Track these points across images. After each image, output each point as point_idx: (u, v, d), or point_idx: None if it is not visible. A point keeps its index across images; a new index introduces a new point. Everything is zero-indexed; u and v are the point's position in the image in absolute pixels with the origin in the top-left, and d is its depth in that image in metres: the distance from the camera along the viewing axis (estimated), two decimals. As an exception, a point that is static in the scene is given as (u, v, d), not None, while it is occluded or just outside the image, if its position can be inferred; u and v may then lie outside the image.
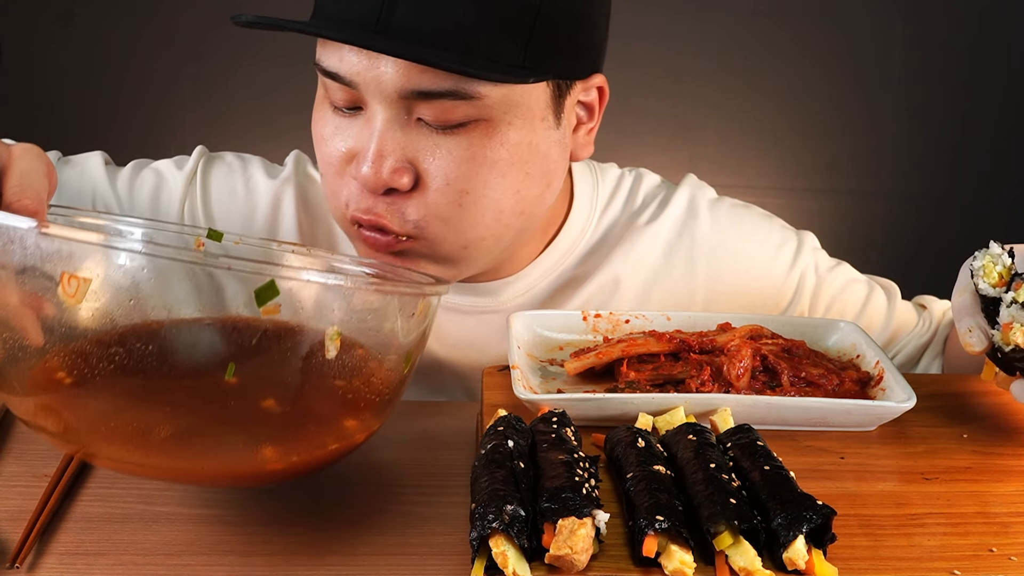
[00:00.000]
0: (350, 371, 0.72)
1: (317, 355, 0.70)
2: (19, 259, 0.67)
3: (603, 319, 1.03)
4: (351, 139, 0.97)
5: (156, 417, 0.69)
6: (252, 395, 0.70)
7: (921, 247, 2.55)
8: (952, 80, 2.58)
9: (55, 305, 0.67)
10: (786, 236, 1.22)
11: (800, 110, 2.61)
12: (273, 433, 0.70)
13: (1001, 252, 0.85)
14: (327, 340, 0.70)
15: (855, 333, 1.00)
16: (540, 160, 1.00)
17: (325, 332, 0.70)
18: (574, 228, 1.17)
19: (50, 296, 0.67)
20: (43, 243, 0.66)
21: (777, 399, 0.86)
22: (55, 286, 0.66)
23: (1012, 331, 0.81)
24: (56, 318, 0.68)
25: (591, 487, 0.69)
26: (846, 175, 2.65)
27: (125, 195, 1.16)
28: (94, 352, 0.68)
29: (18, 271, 0.67)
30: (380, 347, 0.75)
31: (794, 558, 0.65)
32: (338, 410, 0.74)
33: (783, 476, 0.71)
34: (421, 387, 1.17)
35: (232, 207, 1.17)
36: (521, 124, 0.97)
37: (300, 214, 1.18)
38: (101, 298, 0.68)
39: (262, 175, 1.20)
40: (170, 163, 1.20)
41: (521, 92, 0.95)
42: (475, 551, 0.65)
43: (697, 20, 2.54)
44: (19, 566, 0.72)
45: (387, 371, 0.76)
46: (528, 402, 0.85)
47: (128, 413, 0.69)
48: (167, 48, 2.49)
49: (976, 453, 0.85)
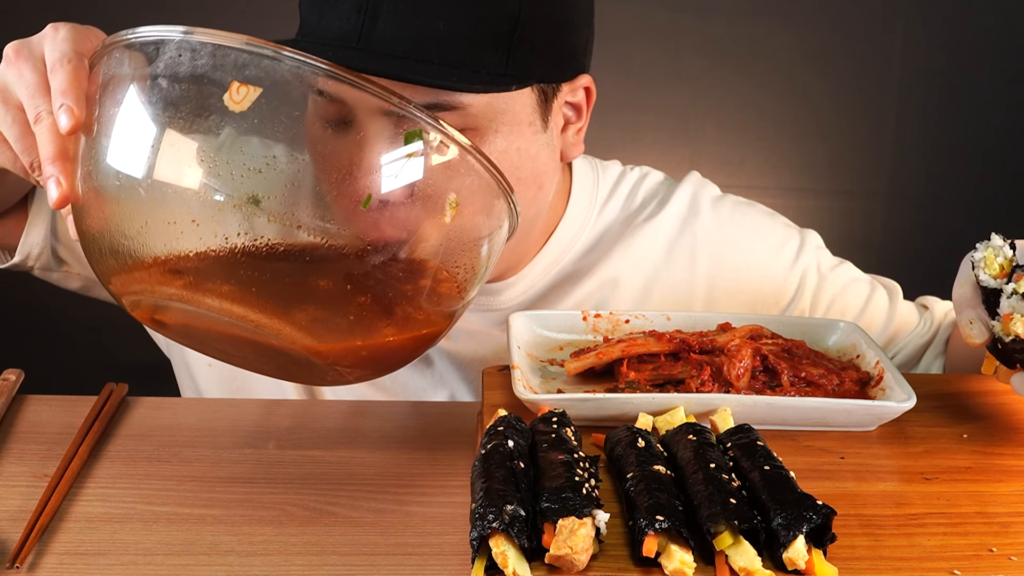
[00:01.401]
0: (457, 247, 0.77)
1: (436, 218, 0.74)
2: (187, 69, 0.70)
3: (603, 319, 1.03)
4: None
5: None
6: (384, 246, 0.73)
7: (921, 247, 2.54)
8: (952, 80, 2.57)
9: (219, 115, 0.70)
10: (789, 234, 1.22)
11: (800, 110, 2.61)
12: (382, 302, 0.74)
13: (1003, 244, 0.85)
14: (447, 206, 0.74)
15: (855, 333, 1.00)
16: (530, 164, 1.00)
17: (446, 198, 0.74)
18: (571, 224, 1.17)
19: (214, 103, 0.69)
20: (219, 53, 0.69)
21: (777, 399, 0.86)
22: (222, 92, 0.69)
23: (1012, 321, 0.81)
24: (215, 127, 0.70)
25: (591, 487, 0.69)
26: (846, 175, 2.65)
27: None
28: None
29: (180, 79, 0.70)
30: (472, 244, 0.78)
31: (794, 558, 0.65)
32: (435, 288, 0.78)
33: (783, 476, 0.71)
34: (420, 376, 1.16)
35: None
36: (508, 131, 0.97)
37: None
38: (264, 110, 0.70)
39: None
40: None
41: (506, 99, 0.96)
42: (475, 551, 0.65)
43: (697, 20, 2.53)
44: (19, 566, 0.72)
45: (472, 262, 0.79)
46: (528, 402, 0.85)
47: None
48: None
49: (976, 453, 0.85)
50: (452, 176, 0.75)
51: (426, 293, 0.77)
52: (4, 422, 0.92)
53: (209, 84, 0.70)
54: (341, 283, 0.72)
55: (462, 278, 0.78)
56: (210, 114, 0.69)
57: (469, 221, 0.77)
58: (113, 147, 0.71)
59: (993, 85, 2.58)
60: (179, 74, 0.70)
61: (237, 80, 0.69)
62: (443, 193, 0.74)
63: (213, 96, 0.69)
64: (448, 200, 0.74)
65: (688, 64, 2.52)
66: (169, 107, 0.70)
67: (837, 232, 2.57)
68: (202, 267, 0.70)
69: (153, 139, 0.70)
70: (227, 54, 0.69)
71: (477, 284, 0.81)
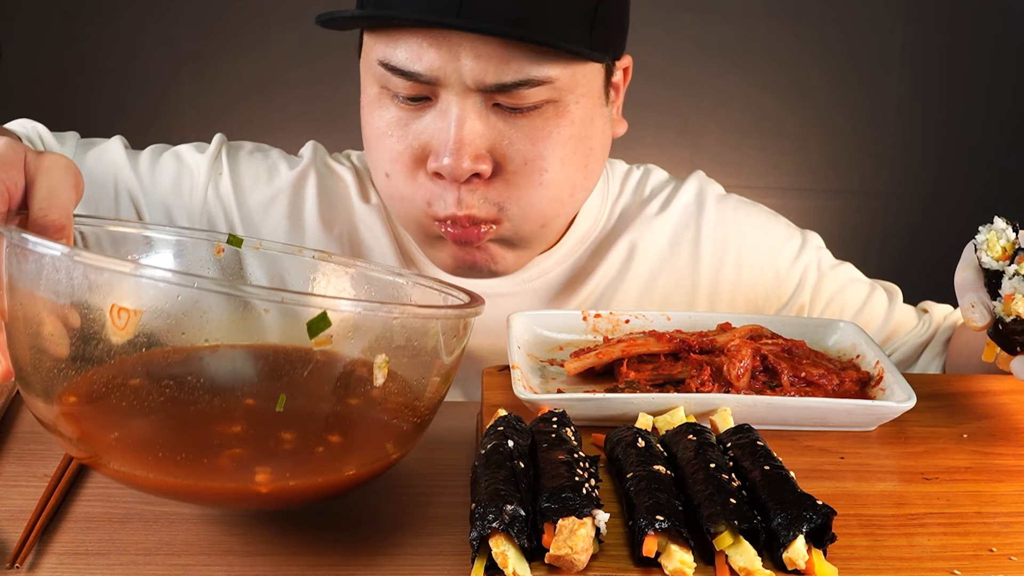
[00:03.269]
0: (395, 396, 0.72)
1: (365, 384, 0.69)
2: (65, 287, 0.66)
3: (603, 319, 1.03)
4: (423, 133, 0.99)
5: (190, 440, 0.68)
6: (302, 425, 0.69)
7: (921, 247, 2.54)
8: (952, 80, 2.58)
9: (100, 332, 0.66)
10: (791, 233, 1.24)
11: (800, 110, 2.61)
12: (312, 459, 0.69)
13: (1005, 227, 0.85)
14: (375, 369, 0.69)
15: (855, 333, 1.00)
16: (599, 135, 1.06)
17: (373, 361, 0.69)
18: (588, 217, 1.20)
19: (98, 326, 0.65)
20: (91, 274, 0.65)
21: (777, 399, 0.86)
22: (104, 316, 0.65)
23: (1014, 301, 0.81)
24: (95, 335, 0.67)
25: (591, 487, 0.69)
26: (846, 175, 2.65)
27: (148, 180, 1.17)
28: (135, 373, 0.67)
29: (61, 295, 0.66)
30: (423, 368, 0.74)
31: (794, 558, 0.65)
32: (381, 434, 0.73)
33: (783, 476, 0.71)
34: None
35: (254, 193, 1.18)
36: (584, 102, 1.02)
37: (321, 202, 1.19)
38: (146, 325, 0.67)
39: (283, 162, 1.21)
40: (191, 148, 1.20)
41: (584, 72, 1.00)
42: (475, 551, 0.65)
43: (698, 20, 2.54)
44: (19, 566, 0.72)
45: (429, 393, 0.75)
46: (528, 402, 0.85)
47: (165, 435, 0.68)
48: (168, 48, 2.49)
49: (976, 453, 0.85)
50: (373, 342, 0.70)
51: (409, 408, 0.74)
52: (4, 422, 0.92)
53: (88, 308, 0.66)
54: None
55: (432, 375, 0.75)
56: (98, 342, 0.66)
57: (409, 365, 0.73)
58: (16, 349, 0.69)
59: (993, 85, 2.58)
60: (60, 292, 0.67)
61: (116, 304, 0.65)
62: (360, 369, 0.70)
63: (95, 323, 0.66)
64: (376, 365, 0.70)
65: (688, 64, 2.52)
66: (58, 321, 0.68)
67: (837, 232, 2.57)
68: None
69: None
70: (100, 274, 0.65)
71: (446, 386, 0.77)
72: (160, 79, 2.51)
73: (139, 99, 2.50)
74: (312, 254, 0.90)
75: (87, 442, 0.69)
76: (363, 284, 0.89)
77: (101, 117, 2.50)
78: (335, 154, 1.25)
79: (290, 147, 1.25)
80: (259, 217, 1.17)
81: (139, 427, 0.68)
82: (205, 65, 2.51)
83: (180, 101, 2.53)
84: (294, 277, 0.91)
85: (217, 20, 2.45)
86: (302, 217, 1.18)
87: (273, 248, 0.92)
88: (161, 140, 1.23)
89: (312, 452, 0.69)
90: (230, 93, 2.52)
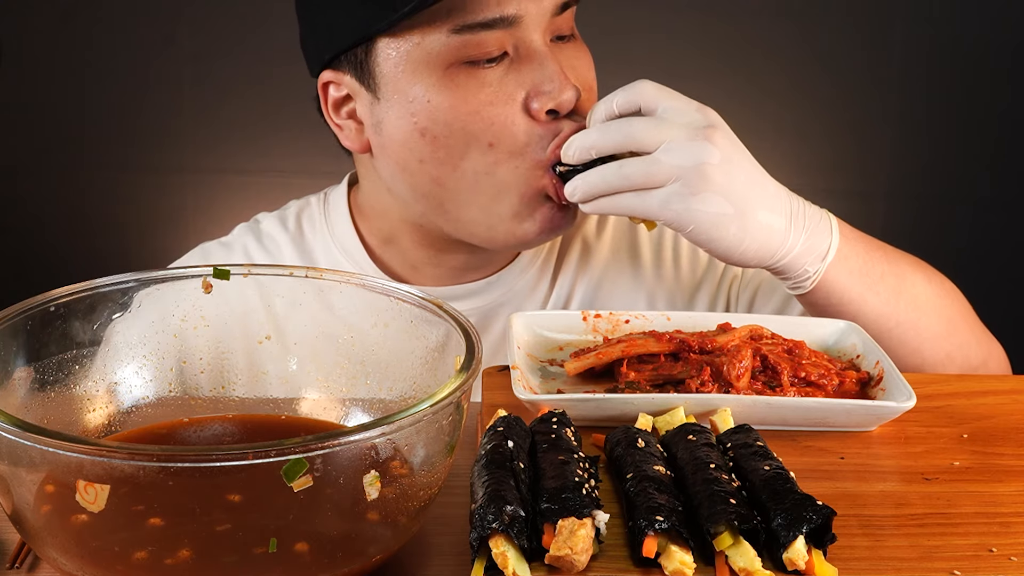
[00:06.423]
0: (394, 495, 0.69)
1: (359, 503, 0.67)
2: (27, 464, 0.65)
3: (603, 319, 1.03)
4: (523, 82, 1.03)
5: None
6: (294, 559, 0.66)
7: (921, 247, 2.54)
8: (952, 80, 2.57)
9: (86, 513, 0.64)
10: None
11: (800, 110, 2.61)
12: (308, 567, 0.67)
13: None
14: (366, 487, 0.66)
15: (855, 333, 1.00)
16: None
17: (363, 480, 0.66)
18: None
19: (69, 501, 0.64)
20: (48, 455, 0.62)
21: (777, 399, 0.86)
22: (72, 492, 0.63)
23: None
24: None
25: (591, 487, 0.69)
26: (847, 175, 2.65)
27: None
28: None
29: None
30: (426, 458, 0.71)
31: (794, 558, 0.65)
32: (381, 530, 0.70)
33: (783, 476, 0.71)
34: None
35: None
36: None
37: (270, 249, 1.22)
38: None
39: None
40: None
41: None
42: (475, 552, 0.65)
43: (697, 19, 2.54)
44: (19, 566, 0.72)
45: (432, 474, 0.72)
46: (528, 402, 0.85)
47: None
48: (168, 48, 2.49)
49: (976, 453, 0.85)
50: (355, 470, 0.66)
51: (412, 497, 0.71)
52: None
53: (62, 487, 0.65)
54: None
55: (435, 457, 0.71)
56: (77, 512, 0.64)
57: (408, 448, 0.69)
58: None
59: (993, 85, 2.58)
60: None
61: (82, 480, 0.63)
62: (350, 491, 0.66)
63: (68, 498, 0.64)
64: (365, 483, 0.66)
65: (687, 64, 2.52)
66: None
67: (837, 232, 2.56)
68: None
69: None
70: (58, 455, 0.62)
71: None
72: (160, 79, 2.51)
73: (139, 99, 2.50)
74: (304, 272, 0.87)
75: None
76: (358, 298, 0.87)
77: (101, 117, 2.50)
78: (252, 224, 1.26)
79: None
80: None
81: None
82: (205, 65, 2.51)
83: (180, 101, 2.52)
84: (282, 302, 0.89)
85: (217, 20, 2.44)
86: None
87: (264, 272, 0.89)
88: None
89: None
90: (230, 93, 2.51)
